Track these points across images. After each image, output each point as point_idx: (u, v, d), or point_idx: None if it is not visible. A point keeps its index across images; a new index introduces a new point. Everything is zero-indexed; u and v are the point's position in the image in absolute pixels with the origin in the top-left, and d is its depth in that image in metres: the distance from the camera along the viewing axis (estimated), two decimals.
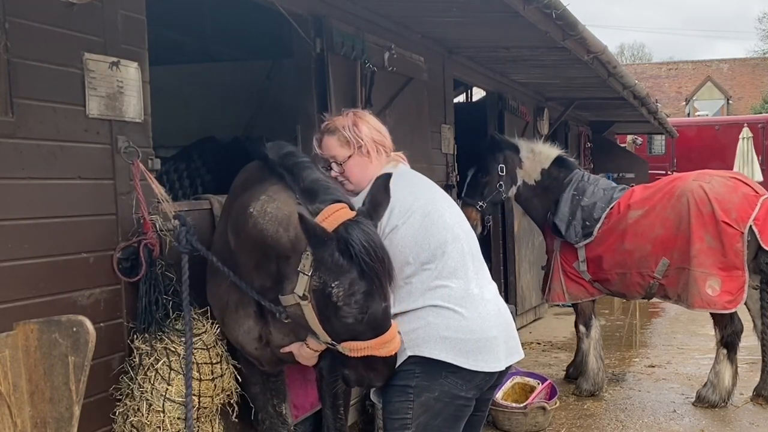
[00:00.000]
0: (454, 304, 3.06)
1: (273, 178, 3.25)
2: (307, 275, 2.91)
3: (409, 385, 3.06)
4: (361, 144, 3.30)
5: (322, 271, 2.88)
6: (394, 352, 2.96)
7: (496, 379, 3.23)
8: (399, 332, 3.03)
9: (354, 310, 2.86)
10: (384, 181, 3.00)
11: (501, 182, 6.92)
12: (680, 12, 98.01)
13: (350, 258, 2.85)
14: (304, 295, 2.94)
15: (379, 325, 2.91)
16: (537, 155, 7.05)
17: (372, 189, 3.00)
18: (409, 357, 3.05)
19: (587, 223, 6.65)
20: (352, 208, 2.97)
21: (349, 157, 3.32)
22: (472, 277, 3.16)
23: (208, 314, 3.66)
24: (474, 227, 6.74)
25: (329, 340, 2.97)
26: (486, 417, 3.52)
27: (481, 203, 6.92)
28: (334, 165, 3.35)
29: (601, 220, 6.60)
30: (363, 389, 4.43)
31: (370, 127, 3.36)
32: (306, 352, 3.38)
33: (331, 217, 2.89)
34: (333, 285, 2.86)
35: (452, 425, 3.13)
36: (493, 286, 3.28)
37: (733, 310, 6.22)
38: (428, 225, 3.12)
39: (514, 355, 3.23)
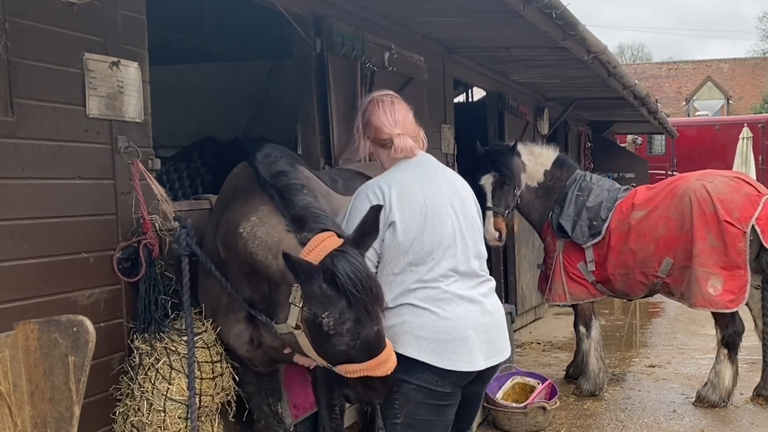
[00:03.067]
0: (431, 305, 3.12)
1: (264, 196, 3.30)
2: (298, 307, 2.97)
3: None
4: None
5: (312, 303, 2.94)
6: (390, 371, 3.00)
7: (482, 376, 3.25)
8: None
9: (346, 338, 2.92)
10: (375, 213, 3.02)
11: (516, 188, 6.87)
12: (671, 12, 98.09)
13: (337, 289, 2.90)
14: (297, 325, 3.00)
15: (372, 348, 2.96)
16: (537, 157, 7.04)
17: (364, 218, 3.03)
18: None
19: (594, 222, 6.63)
20: (340, 236, 3.01)
21: None
22: (459, 280, 3.19)
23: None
24: (500, 237, 6.76)
25: (325, 363, 3.03)
26: (477, 412, 3.52)
27: (507, 211, 6.88)
28: None
29: (609, 220, 6.59)
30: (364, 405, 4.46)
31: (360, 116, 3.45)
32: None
33: (319, 247, 2.94)
34: (323, 316, 2.92)
35: (437, 413, 3.20)
36: (487, 287, 3.30)
37: (734, 310, 6.22)
38: (425, 229, 3.14)
39: (497, 356, 3.26)
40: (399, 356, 3.07)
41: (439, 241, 3.15)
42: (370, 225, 3.03)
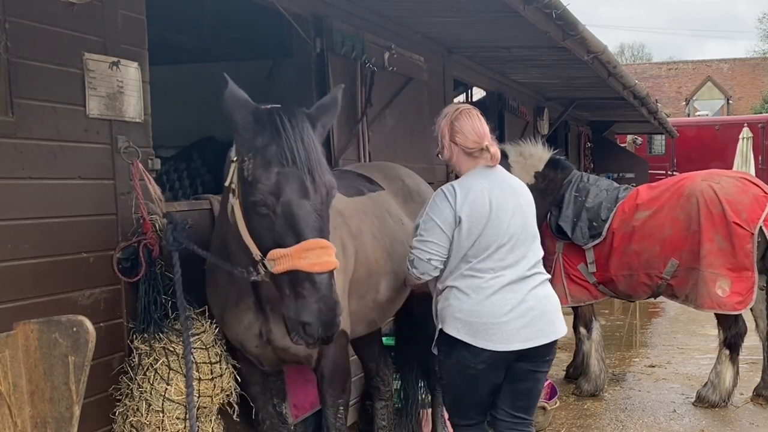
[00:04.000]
0: (472, 291, 3.60)
1: None
2: (234, 161, 3.00)
3: (440, 348, 3.78)
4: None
5: (240, 144, 2.93)
6: (320, 269, 2.84)
7: (528, 355, 3.63)
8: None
9: (265, 185, 2.83)
10: (337, 92, 3.24)
11: None
12: (670, 12, 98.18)
13: (263, 123, 2.88)
14: (232, 188, 3.02)
15: (298, 224, 2.85)
16: (528, 158, 6.86)
17: (327, 97, 3.26)
18: (440, 330, 3.72)
19: (594, 223, 6.57)
20: None
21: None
22: (504, 274, 3.61)
23: (207, 314, 3.66)
24: None
25: (259, 253, 2.95)
26: (533, 391, 3.84)
27: None
28: None
29: (609, 220, 6.54)
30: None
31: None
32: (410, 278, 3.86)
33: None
34: (246, 158, 2.91)
35: (471, 386, 3.71)
36: (535, 281, 3.69)
37: (742, 311, 6.20)
38: (486, 228, 3.57)
39: (540, 338, 3.64)
40: (444, 335, 3.66)
41: (494, 240, 3.59)
42: (328, 102, 3.20)
